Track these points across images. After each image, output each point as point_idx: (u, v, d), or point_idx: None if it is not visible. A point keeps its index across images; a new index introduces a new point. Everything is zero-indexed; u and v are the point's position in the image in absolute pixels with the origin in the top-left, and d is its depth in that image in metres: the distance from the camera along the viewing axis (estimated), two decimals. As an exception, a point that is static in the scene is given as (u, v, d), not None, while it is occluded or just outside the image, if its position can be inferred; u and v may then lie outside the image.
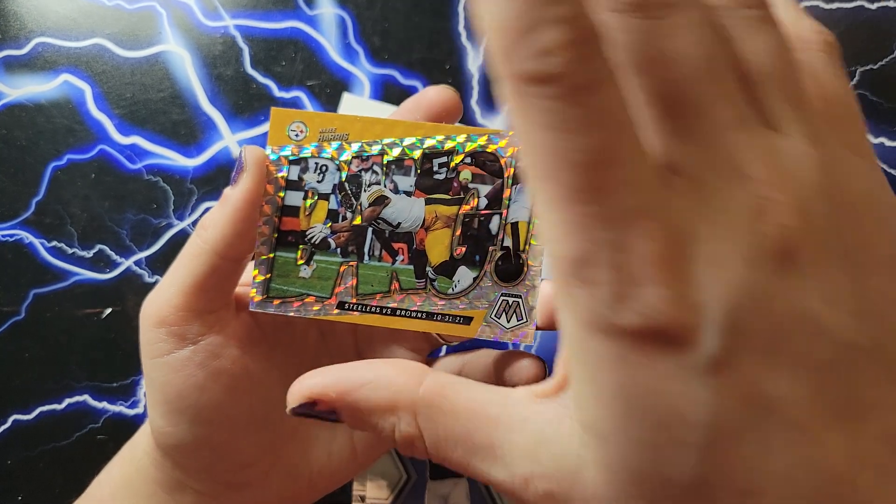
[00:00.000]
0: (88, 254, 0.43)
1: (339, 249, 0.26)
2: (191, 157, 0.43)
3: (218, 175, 0.43)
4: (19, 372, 0.42)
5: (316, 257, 0.26)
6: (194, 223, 0.43)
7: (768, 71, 0.15)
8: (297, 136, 0.26)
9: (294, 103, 0.44)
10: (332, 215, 0.26)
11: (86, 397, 0.42)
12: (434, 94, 0.26)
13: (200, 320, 0.25)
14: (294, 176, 0.26)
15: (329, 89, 0.44)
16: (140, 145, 0.43)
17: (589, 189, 0.13)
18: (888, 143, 0.43)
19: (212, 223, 0.25)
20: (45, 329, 0.42)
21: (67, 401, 0.42)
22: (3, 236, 0.43)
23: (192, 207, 0.43)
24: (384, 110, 0.43)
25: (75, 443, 0.41)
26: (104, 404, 0.42)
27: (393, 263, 0.26)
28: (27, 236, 0.43)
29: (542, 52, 0.13)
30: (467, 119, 0.44)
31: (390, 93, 0.44)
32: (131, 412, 0.42)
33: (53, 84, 0.44)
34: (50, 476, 0.41)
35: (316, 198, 0.26)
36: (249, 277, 0.26)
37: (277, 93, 0.44)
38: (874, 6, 0.44)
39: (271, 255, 0.26)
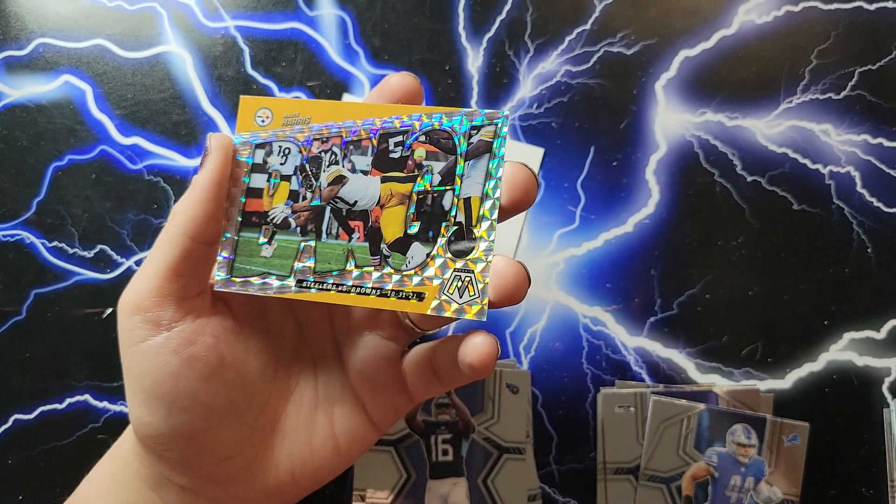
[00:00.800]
0: (89, 254, 0.43)
1: (298, 229, 0.26)
2: (191, 157, 0.43)
3: (218, 175, 0.43)
4: (20, 372, 0.42)
5: (277, 237, 0.26)
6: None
7: None
8: (263, 121, 0.27)
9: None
10: (293, 196, 0.26)
11: (87, 397, 0.42)
12: (396, 81, 0.27)
13: (175, 306, 0.25)
14: (259, 159, 0.27)
15: (329, 90, 0.44)
16: (141, 146, 0.44)
17: None
18: (886, 143, 0.43)
19: (182, 208, 0.25)
20: (46, 329, 0.42)
21: (68, 400, 0.42)
22: (5, 236, 0.43)
23: (192, 208, 0.43)
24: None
25: (76, 442, 0.42)
26: (105, 404, 0.42)
27: (349, 241, 0.26)
28: (28, 236, 0.43)
29: None
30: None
31: (390, 93, 0.44)
32: (132, 412, 0.42)
33: (54, 84, 0.44)
34: (50, 475, 0.41)
35: (279, 179, 0.27)
36: None
37: (278, 93, 0.44)
38: (873, 7, 0.44)
39: (235, 237, 0.26)
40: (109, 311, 0.42)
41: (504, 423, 0.41)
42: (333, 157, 0.26)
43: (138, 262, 0.43)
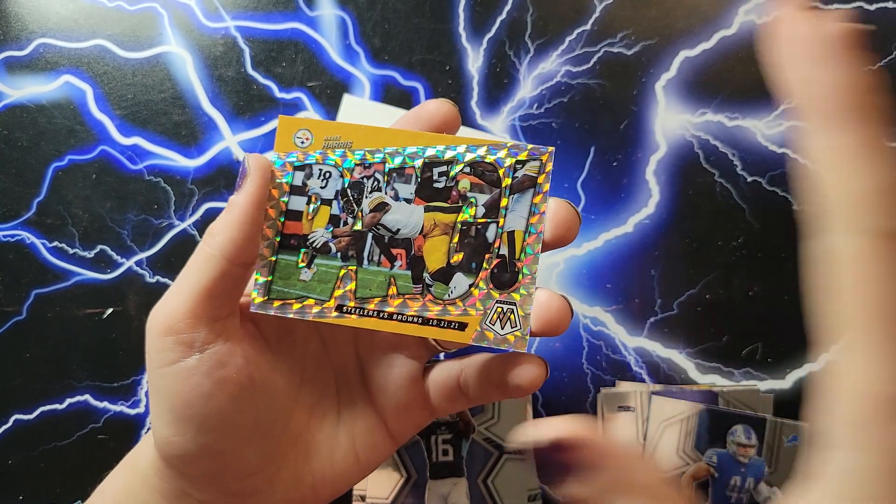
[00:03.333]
0: (89, 254, 0.43)
1: (339, 254, 0.26)
2: (192, 157, 0.43)
3: (219, 176, 0.43)
4: (21, 372, 0.42)
5: (317, 261, 0.26)
6: (195, 224, 0.43)
7: None
8: (302, 143, 0.26)
9: (295, 104, 0.44)
10: (333, 220, 0.26)
11: (87, 397, 0.42)
12: (434, 107, 0.26)
13: (208, 328, 0.25)
14: (298, 181, 0.26)
15: (329, 90, 0.44)
16: (141, 146, 0.44)
17: None
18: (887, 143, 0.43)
19: (220, 229, 0.25)
20: (47, 329, 0.42)
21: (68, 400, 0.42)
22: (5, 236, 0.43)
23: (192, 208, 0.43)
24: (384, 111, 0.44)
25: (76, 442, 0.42)
26: (105, 404, 0.42)
27: (391, 268, 0.26)
28: (28, 236, 0.43)
29: None
30: (467, 119, 0.44)
31: (390, 94, 0.44)
32: (132, 412, 0.42)
33: (55, 85, 0.44)
34: (51, 475, 0.41)
35: (319, 203, 0.26)
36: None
37: (278, 94, 0.44)
38: (873, 7, 0.44)
39: (273, 258, 0.26)
40: (110, 311, 0.42)
41: (504, 423, 0.41)
42: (376, 183, 0.26)
43: (138, 263, 0.43)
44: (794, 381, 0.42)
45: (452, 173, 0.26)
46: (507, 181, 0.26)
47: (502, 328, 0.26)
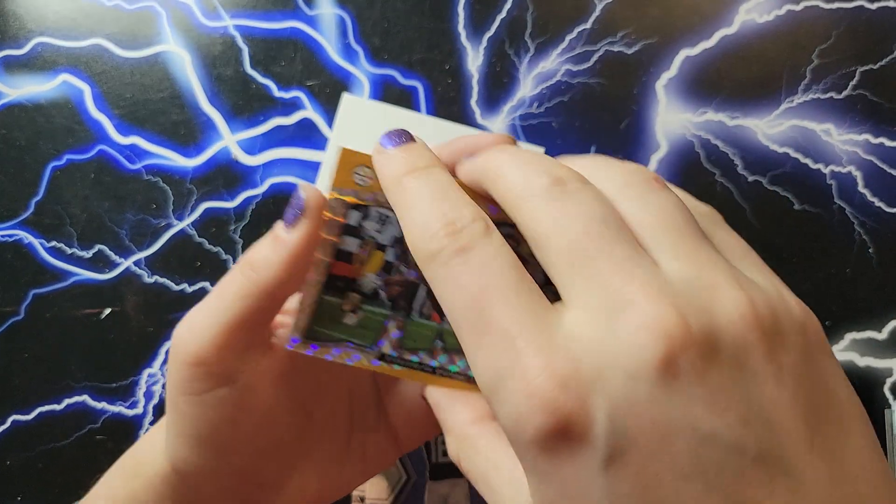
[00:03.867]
0: (88, 254, 0.43)
1: (388, 302, 0.24)
2: (190, 157, 0.43)
3: (217, 175, 0.43)
4: (18, 372, 0.42)
5: (363, 306, 0.24)
6: (194, 223, 0.43)
7: (650, 222, 0.18)
8: (362, 181, 0.24)
9: (294, 103, 0.44)
10: (386, 267, 0.24)
11: (85, 398, 0.42)
12: (491, 141, 0.25)
13: (241, 358, 0.24)
14: (353, 221, 0.24)
15: (329, 89, 0.44)
16: (139, 145, 0.43)
17: (481, 321, 0.17)
18: (888, 142, 0.43)
19: (265, 264, 0.24)
20: (45, 329, 0.42)
21: (66, 401, 0.42)
22: (3, 236, 0.43)
23: (191, 207, 0.43)
24: (384, 111, 0.43)
25: (74, 443, 0.42)
26: (103, 405, 0.42)
27: (441, 323, 0.25)
28: (26, 236, 0.43)
29: (432, 237, 0.19)
30: (466, 119, 0.44)
31: (390, 93, 0.44)
32: (130, 412, 0.42)
33: (53, 84, 0.44)
34: (49, 476, 0.41)
35: (373, 248, 0.24)
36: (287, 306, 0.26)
37: (277, 93, 0.44)
38: (874, 6, 0.44)
39: (317, 298, 0.24)
40: (108, 311, 0.42)
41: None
42: None
43: (137, 263, 0.43)
44: (795, 382, 0.42)
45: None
46: None
47: None
